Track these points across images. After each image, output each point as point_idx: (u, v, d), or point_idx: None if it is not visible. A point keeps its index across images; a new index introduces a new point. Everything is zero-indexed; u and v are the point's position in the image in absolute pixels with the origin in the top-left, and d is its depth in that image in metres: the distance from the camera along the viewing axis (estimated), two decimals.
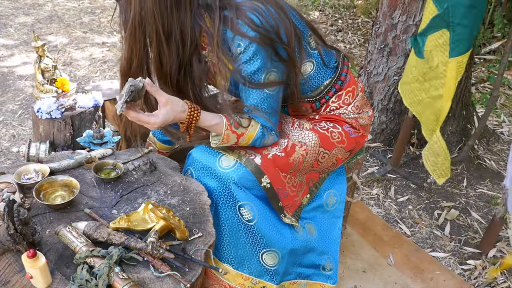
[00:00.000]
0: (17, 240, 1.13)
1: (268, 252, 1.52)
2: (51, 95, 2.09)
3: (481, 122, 2.61)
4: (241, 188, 1.46)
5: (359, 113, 1.64)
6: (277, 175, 1.48)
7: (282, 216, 1.54)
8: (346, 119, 1.62)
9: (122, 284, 1.09)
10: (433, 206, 2.51)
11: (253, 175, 1.44)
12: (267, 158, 1.46)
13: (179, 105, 1.30)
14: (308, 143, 1.52)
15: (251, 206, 1.47)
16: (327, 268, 1.72)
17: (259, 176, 1.45)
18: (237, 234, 1.49)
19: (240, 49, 1.30)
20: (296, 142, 1.50)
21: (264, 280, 1.55)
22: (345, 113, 1.62)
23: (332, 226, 1.72)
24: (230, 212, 1.47)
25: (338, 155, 1.61)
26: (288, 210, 1.55)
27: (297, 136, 1.52)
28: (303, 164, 1.53)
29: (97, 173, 1.50)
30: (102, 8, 5.11)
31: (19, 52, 3.92)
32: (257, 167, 1.44)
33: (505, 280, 2.06)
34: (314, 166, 1.58)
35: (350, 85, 1.62)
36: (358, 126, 1.64)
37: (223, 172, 1.44)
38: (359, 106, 1.65)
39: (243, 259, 1.52)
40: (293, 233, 1.59)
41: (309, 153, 1.52)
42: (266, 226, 1.50)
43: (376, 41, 2.82)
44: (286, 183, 1.51)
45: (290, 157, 1.48)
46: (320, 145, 1.54)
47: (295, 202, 1.57)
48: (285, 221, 1.54)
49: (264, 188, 1.47)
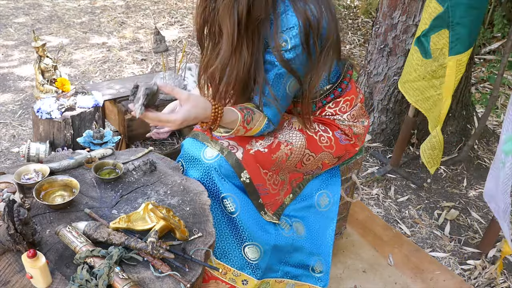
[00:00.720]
0: (17, 240, 1.13)
1: (250, 245, 1.52)
2: (51, 95, 2.09)
3: (481, 122, 2.61)
4: (224, 179, 1.47)
5: (354, 121, 1.65)
6: (257, 171, 1.48)
7: (263, 213, 1.54)
8: (340, 125, 1.62)
9: (122, 284, 1.09)
10: (433, 206, 2.51)
11: (232, 169, 1.45)
12: (249, 153, 1.46)
13: (201, 101, 1.23)
14: (295, 143, 1.51)
15: (234, 198, 1.47)
16: (316, 269, 1.71)
17: (239, 171, 1.46)
18: (220, 225, 1.50)
19: (286, 35, 1.27)
20: (282, 140, 1.50)
21: (245, 273, 1.55)
22: (339, 119, 1.62)
23: (324, 227, 1.72)
24: (214, 204, 1.48)
25: (325, 159, 1.61)
26: (269, 208, 1.56)
27: (284, 135, 1.52)
28: (286, 163, 1.53)
29: (97, 173, 1.50)
30: (102, 8, 5.11)
31: (19, 52, 3.92)
32: (238, 161, 1.45)
33: (505, 280, 2.06)
34: (298, 167, 1.58)
35: (350, 94, 1.62)
36: (351, 134, 1.64)
37: (206, 163, 1.47)
38: (356, 115, 1.65)
39: (226, 251, 1.52)
40: (277, 230, 1.59)
41: (294, 153, 1.52)
42: (249, 219, 1.50)
43: (376, 41, 2.82)
44: (267, 180, 1.51)
45: (274, 154, 1.48)
46: (307, 146, 1.54)
47: (276, 200, 1.57)
48: (266, 219, 1.55)
49: (244, 183, 1.48)
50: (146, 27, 4.70)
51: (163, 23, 4.83)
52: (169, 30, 4.67)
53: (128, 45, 4.24)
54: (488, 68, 3.86)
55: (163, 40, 2.13)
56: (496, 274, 2.04)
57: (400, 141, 2.60)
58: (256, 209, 1.54)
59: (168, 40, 4.40)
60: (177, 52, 3.26)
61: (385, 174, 2.70)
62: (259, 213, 1.55)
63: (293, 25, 1.25)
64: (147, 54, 4.08)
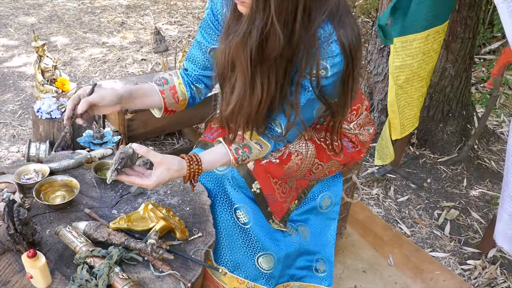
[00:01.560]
0: (17, 240, 1.13)
1: (264, 255, 1.52)
2: (51, 95, 2.09)
3: (481, 122, 2.61)
4: (236, 190, 1.47)
5: (360, 130, 1.65)
6: (267, 181, 1.47)
7: (271, 221, 1.54)
8: (347, 133, 1.63)
9: (122, 284, 1.09)
10: (433, 206, 2.51)
11: (244, 180, 1.45)
12: (260, 164, 1.45)
13: (175, 163, 1.23)
14: (305, 153, 1.50)
15: (247, 209, 1.47)
16: (320, 269, 1.71)
17: (250, 182, 1.46)
18: (233, 237, 1.49)
19: (327, 64, 1.22)
20: (293, 150, 1.48)
21: (259, 284, 1.55)
22: (346, 128, 1.63)
23: (325, 228, 1.71)
24: (226, 215, 1.47)
25: (332, 167, 1.61)
26: (276, 216, 1.55)
27: (294, 145, 1.50)
28: (296, 173, 1.52)
29: (97, 173, 1.50)
30: (102, 8, 5.11)
31: (19, 52, 3.92)
32: (249, 172, 1.45)
33: (505, 280, 2.06)
34: (307, 176, 1.57)
35: (356, 104, 1.62)
36: (357, 142, 1.64)
37: (218, 174, 1.47)
38: (361, 124, 1.66)
39: (239, 263, 1.51)
40: (286, 237, 1.59)
41: (304, 163, 1.50)
42: (260, 229, 1.50)
43: (376, 41, 2.82)
44: (276, 189, 1.51)
45: (285, 165, 1.47)
46: (316, 156, 1.53)
47: (283, 208, 1.57)
48: (274, 227, 1.55)
49: (254, 193, 1.48)
50: (146, 27, 4.70)
51: (163, 23, 4.83)
52: (169, 30, 4.67)
53: (128, 45, 4.24)
54: (488, 68, 3.86)
55: (163, 40, 2.13)
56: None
57: (400, 141, 2.60)
58: (265, 218, 1.54)
59: (168, 40, 4.40)
60: (177, 52, 3.26)
61: (385, 174, 2.70)
62: (267, 221, 1.55)
63: (337, 54, 1.20)
64: (147, 54, 4.08)
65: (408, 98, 2.15)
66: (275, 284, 1.59)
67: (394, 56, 2.03)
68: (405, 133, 2.27)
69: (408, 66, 2.04)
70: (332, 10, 1.18)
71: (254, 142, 1.36)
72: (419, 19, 1.91)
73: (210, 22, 1.40)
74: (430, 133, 2.89)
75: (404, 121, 2.23)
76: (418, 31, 1.94)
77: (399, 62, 2.03)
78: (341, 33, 1.19)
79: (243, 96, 1.25)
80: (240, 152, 1.35)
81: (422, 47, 1.99)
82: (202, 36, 1.43)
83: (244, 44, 1.18)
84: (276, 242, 1.55)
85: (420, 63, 2.04)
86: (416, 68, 2.04)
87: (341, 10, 1.20)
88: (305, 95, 1.28)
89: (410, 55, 2.01)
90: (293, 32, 1.15)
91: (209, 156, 1.32)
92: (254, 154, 1.38)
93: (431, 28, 1.95)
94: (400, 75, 2.07)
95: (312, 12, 1.16)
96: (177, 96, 1.45)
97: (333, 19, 1.19)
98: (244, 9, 1.16)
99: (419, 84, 2.12)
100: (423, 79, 2.11)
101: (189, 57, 1.49)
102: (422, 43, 1.98)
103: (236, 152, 1.34)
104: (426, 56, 2.03)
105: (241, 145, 1.36)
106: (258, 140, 1.37)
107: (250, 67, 1.20)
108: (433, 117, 2.86)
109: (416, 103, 2.20)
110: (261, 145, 1.37)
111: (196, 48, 1.46)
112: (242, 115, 1.28)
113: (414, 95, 2.15)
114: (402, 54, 2.02)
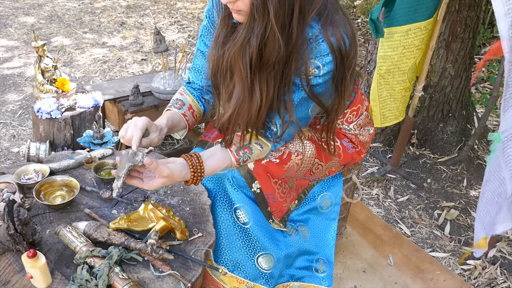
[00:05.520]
0: (17, 240, 1.13)
1: (264, 255, 1.52)
2: (51, 95, 2.09)
3: (481, 122, 2.61)
4: (236, 189, 1.47)
5: (360, 130, 1.65)
6: (268, 181, 1.47)
7: (270, 221, 1.54)
8: (347, 133, 1.63)
9: (122, 284, 1.09)
10: (433, 206, 2.51)
11: (244, 180, 1.46)
12: (260, 164, 1.45)
13: (181, 176, 1.24)
14: (305, 153, 1.50)
15: (247, 209, 1.47)
16: (319, 270, 1.71)
17: (250, 181, 1.46)
18: (233, 237, 1.49)
19: (319, 62, 1.22)
20: (293, 150, 1.48)
21: (259, 284, 1.55)
22: (346, 128, 1.63)
23: (326, 228, 1.71)
24: (226, 215, 1.47)
25: (332, 167, 1.61)
26: (276, 216, 1.55)
27: (295, 145, 1.50)
28: (296, 173, 1.52)
29: (97, 173, 1.50)
30: (102, 8, 5.11)
31: (19, 52, 3.92)
32: (249, 171, 1.45)
33: (505, 280, 2.06)
34: (307, 176, 1.57)
35: (356, 104, 1.61)
36: (357, 142, 1.64)
37: (219, 173, 1.47)
38: (362, 124, 1.65)
39: (239, 262, 1.51)
40: (285, 237, 1.59)
41: (304, 163, 1.50)
42: (260, 229, 1.50)
43: (376, 41, 2.82)
44: (276, 189, 1.51)
45: (285, 164, 1.47)
46: (316, 156, 1.52)
47: (283, 208, 1.57)
48: (273, 227, 1.55)
49: (254, 193, 1.48)
50: (146, 27, 4.70)
51: (163, 23, 4.83)
52: (169, 30, 4.67)
53: (128, 45, 4.24)
54: (488, 68, 3.86)
55: (163, 40, 2.13)
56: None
57: (400, 141, 2.60)
58: (265, 218, 1.54)
59: (168, 40, 4.40)
60: (177, 52, 3.26)
61: (385, 174, 2.70)
62: (267, 221, 1.55)
63: (327, 53, 1.19)
64: (147, 54, 4.08)
65: (390, 89, 2.22)
66: (274, 284, 1.59)
67: (380, 46, 2.11)
68: (386, 124, 2.35)
69: (389, 58, 2.11)
70: (320, 8, 1.18)
71: (254, 142, 1.36)
72: (401, 13, 1.98)
73: (210, 29, 1.41)
74: (430, 133, 2.89)
75: (386, 111, 2.30)
76: (400, 24, 2.01)
77: (382, 52, 2.11)
78: (329, 32, 1.19)
79: (242, 102, 1.25)
80: (241, 153, 1.35)
81: (402, 41, 2.06)
82: (205, 45, 1.44)
83: (242, 52, 1.17)
84: (276, 242, 1.55)
85: (400, 56, 2.10)
86: (396, 61, 2.11)
87: (328, 8, 1.19)
88: (298, 93, 1.28)
89: (391, 46, 2.08)
90: (290, 34, 1.15)
91: (211, 162, 1.32)
92: (255, 154, 1.38)
93: (413, 23, 2.02)
94: (382, 65, 2.14)
95: (305, 12, 1.16)
96: (195, 114, 1.48)
97: (320, 17, 1.19)
98: (241, 18, 1.16)
99: (401, 78, 2.18)
100: (404, 73, 2.16)
101: (194, 67, 1.49)
102: (402, 37, 2.05)
103: (237, 153, 1.35)
104: (407, 51, 2.09)
105: (242, 146, 1.36)
106: (258, 140, 1.37)
107: (249, 74, 1.19)
108: (433, 117, 2.86)
109: (399, 97, 2.27)
110: (261, 145, 1.38)
111: (200, 58, 1.46)
112: (241, 120, 1.28)
113: (396, 87, 2.22)
114: (385, 45, 2.09)
